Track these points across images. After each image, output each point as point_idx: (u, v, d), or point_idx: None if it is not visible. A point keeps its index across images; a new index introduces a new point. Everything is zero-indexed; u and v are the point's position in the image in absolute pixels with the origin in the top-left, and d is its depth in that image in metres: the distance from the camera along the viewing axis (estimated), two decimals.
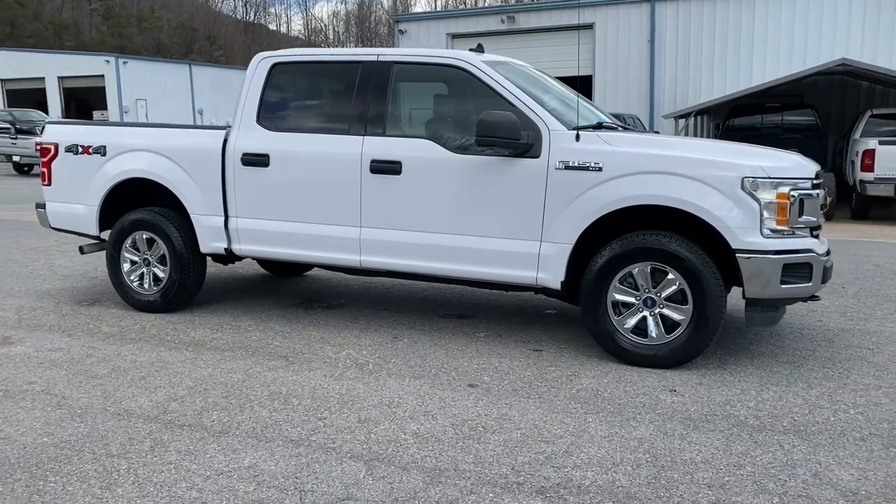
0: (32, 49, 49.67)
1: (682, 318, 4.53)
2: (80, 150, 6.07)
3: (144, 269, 5.98)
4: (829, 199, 5.10)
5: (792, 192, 4.43)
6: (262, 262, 6.99)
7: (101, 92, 43.30)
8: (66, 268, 7.88)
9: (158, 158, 5.78)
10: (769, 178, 4.39)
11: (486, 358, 4.82)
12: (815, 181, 4.62)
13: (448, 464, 3.29)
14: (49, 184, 6.26)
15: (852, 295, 6.71)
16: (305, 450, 3.43)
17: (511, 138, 4.66)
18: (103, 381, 4.36)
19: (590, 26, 20.67)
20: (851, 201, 13.38)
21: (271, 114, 5.53)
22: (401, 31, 22.88)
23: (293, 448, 3.45)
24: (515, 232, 4.84)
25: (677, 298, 4.54)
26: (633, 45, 20.36)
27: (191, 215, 5.72)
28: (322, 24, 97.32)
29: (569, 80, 20.75)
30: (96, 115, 42.11)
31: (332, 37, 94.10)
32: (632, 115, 17.29)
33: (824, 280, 4.63)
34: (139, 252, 5.98)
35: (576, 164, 4.65)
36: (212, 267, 7.22)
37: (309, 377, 4.43)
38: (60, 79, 44.37)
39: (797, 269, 4.46)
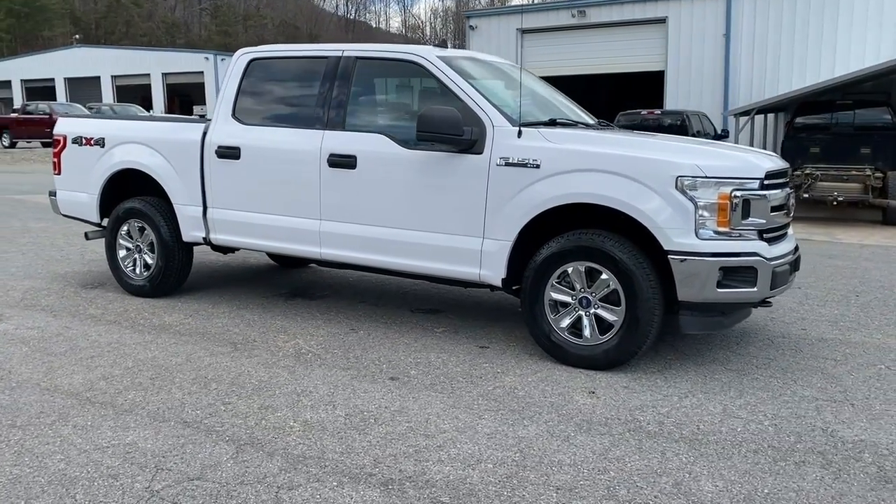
0: (138, 47, 52.58)
1: (616, 319, 4.42)
2: (84, 141, 6.44)
3: (136, 256, 6.30)
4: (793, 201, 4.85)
5: (735, 193, 4.24)
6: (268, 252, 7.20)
7: (201, 88, 45.38)
8: (97, 253, 8.33)
9: (148, 150, 6.07)
10: (707, 177, 4.22)
11: (427, 353, 4.84)
12: (766, 181, 4.40)
13: (316, 452, 3.36)
14: (59, 173, 6.68)
15: (860, 304, 6.33)
16: (191, 431, 3.56)
17: (452, 134, 4.66)
18: (55, 358, 4.65)
19: (662, 20, 20.10)
20: None
21: (245, 108, 5.72)
22: (471, 27, 22.93)
23: (181, 429, 3.59)
24: (459, 228, 4.83)
25: (613, 299, 4.44)
26: (707, 40, 19.67)
27: (174, 205, 5.98)
28: (420, 21, 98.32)
29: (641, 76, 20.28)
30: (196, 110, 44.12)
31: (429, 33, 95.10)
32: (697, 112, 16.69)
33: (775, 285, 4.40)
34: (132, 239, 6.30)
35: (515, 161, 4.61)
36: (225, 256, 7.52)
37: (242, 363, 4.57)
38: (164, 75, 46.73)
39: (738, 273, 4.28)
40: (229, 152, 5.63)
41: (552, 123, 5.06)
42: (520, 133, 4.65)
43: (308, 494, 2.97)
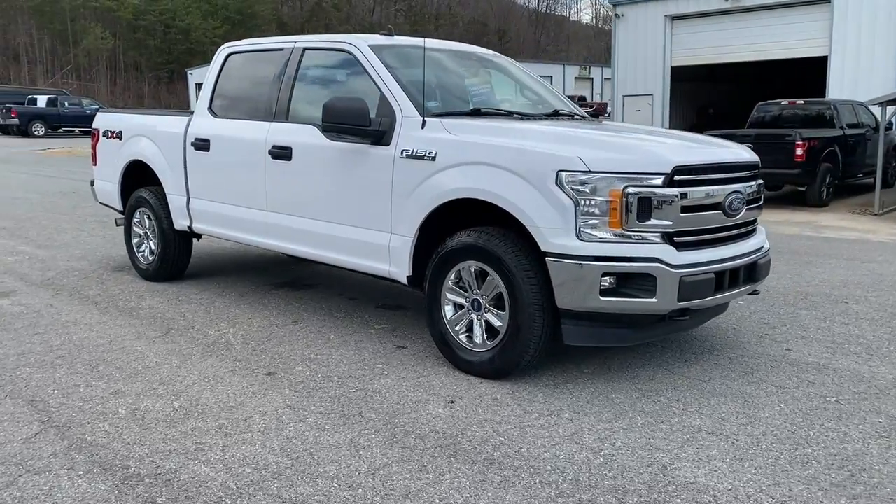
0: None
1: (501, 325, 4.06)
2: (110, 134, 6.93)
3: (145, 242, 6.69)
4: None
5: (628, 190, 3.74)
6: None
7: None
8: None
9: (149, 143, 6.41)
10: (591, 171, 3.74)
11: (336, 349, 4.71)
12: (676, 177, 3.83)
13: (107, 440, 3.38)
14: (95, 164, 7.23)
15: None
16: (26, 410, 3.72)
17: (358, 125, 4.50)
18: (7, 333, 5.03)
19: (826, 1, 18.11)
20: None
21: (219, 101, 5.88)
22: (618, 16, 22.00)
23: (20, 407, 3.76)
24: (371, 222, 4.66)
25: (502, 304, 4.07)
26: (879, 21, 17.45)
27: (166, 195, 6.27)
28: (610, 12, 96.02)
29: (799, 62, 18.32)
30: None
31: None
32: (849, 102, 14.84)
33: (686, 296, 3.82)
34: (142, 226, 6.69)
35: (414, 153, 4.37)
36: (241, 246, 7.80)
37: (152, 349, 4.70)
38: None
39: (632, 281, 3.77)
40: (202, 144, 5.81)
41: (474, 113, 4.73)
42: (424, 124, 4.40)
43: (43, 481, 3.00)
